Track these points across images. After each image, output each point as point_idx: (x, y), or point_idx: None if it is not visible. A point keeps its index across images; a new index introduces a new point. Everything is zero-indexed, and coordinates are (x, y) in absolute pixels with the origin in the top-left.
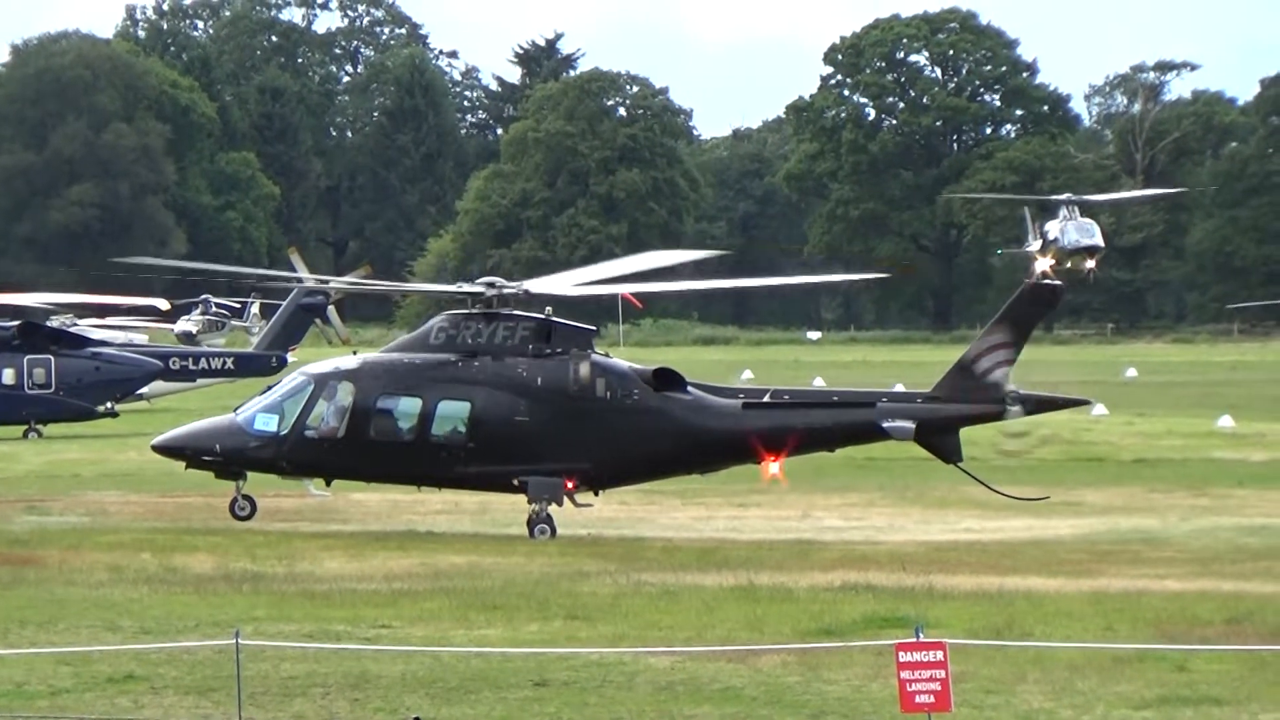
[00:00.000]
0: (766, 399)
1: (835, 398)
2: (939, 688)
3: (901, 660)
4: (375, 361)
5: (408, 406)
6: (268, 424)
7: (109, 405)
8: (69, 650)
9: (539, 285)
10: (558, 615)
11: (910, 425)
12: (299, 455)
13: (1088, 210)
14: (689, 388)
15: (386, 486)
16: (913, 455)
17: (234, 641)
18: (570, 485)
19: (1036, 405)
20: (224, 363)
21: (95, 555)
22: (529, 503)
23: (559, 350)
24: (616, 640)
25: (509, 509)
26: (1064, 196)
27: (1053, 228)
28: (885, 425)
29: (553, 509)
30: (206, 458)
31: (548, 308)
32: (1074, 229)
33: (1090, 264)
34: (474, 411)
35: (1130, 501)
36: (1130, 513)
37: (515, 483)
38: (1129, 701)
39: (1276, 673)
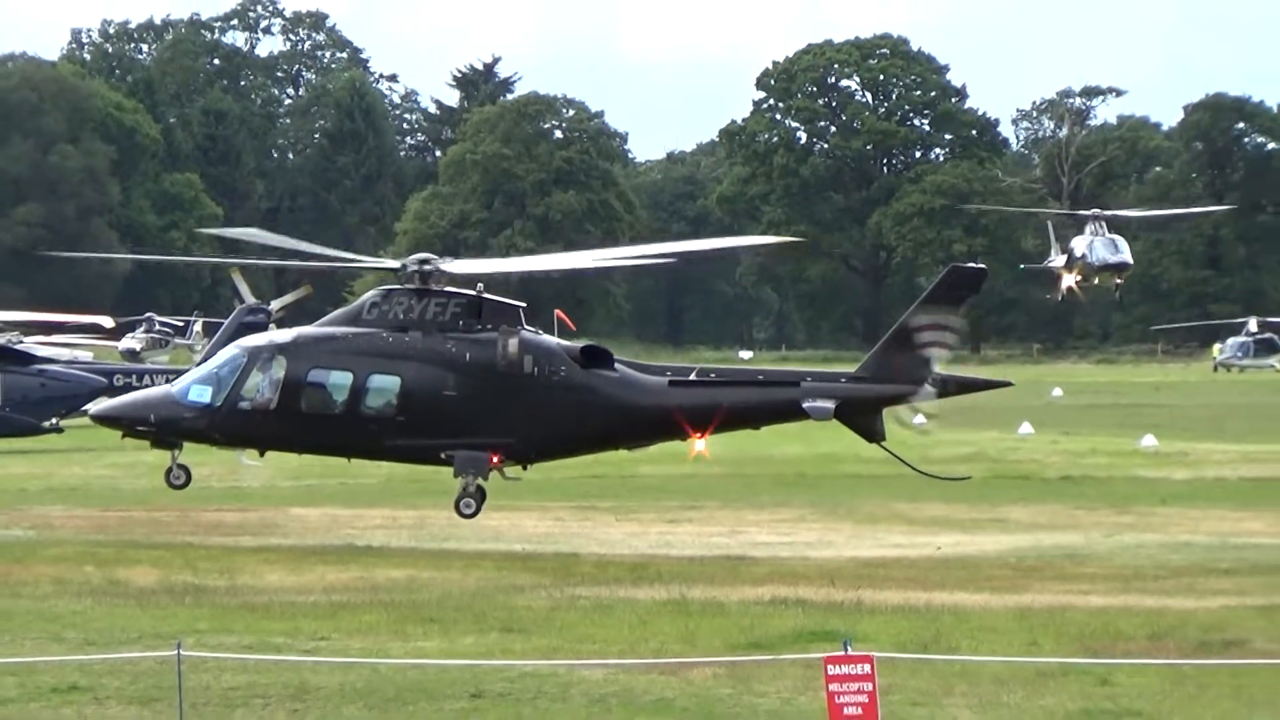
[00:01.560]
0: (693, 377)
1: (761, 377)
2: (866, 700)
3: (830, 673)
4: (308, 335)
5: (339, 380)
6: (201, 395)
7: (54, 421)
8: (14, 661)
9: (467, 266)
10: (493, 628)
11: (829, 405)
12: (232, 426)
13: (1115, 226)
14: (616, 365)
15: (326, 500)
16: (844, 472)
17: (176, 653)
18: (495, 459)
19: (959, 387)
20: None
21: (40, 568)
22: (455, 476)
23: (488, 327)
24: (551, 653)
25: (446, 524)
26: (1091, 211)
27: (1079, 243)
28: (805, 405)
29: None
30: (141, 427)
31: (479, 284)
32: (1102, 245)
33: (1119, 281)
34: (403, 386)
35: (1055, 518)
36: (1055, 529)
37: (443, 456)
38: (1053, 715)
39: (1198, 686)
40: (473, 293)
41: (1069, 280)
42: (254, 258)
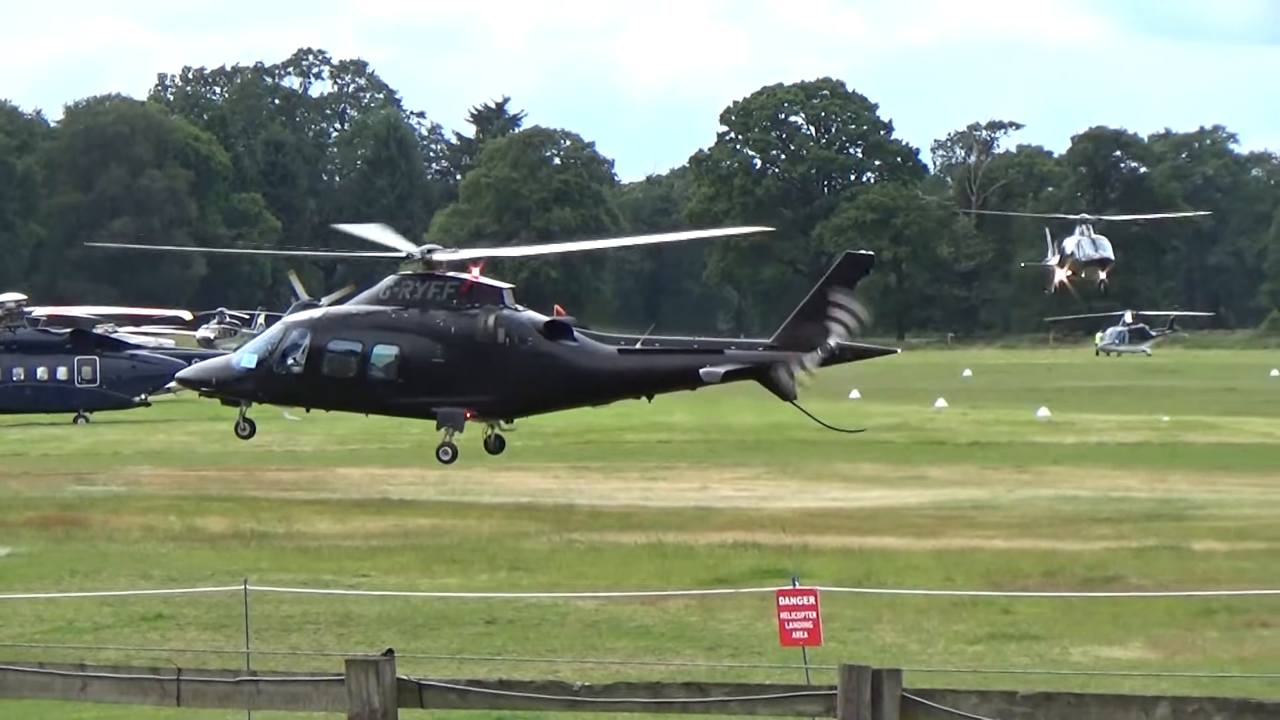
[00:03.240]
0: (638, 346)
1: (695, 345)
2: (811, 626)
3: (781, 604)
4: (332, 312)
5: (351, 349)
6: (249, 362)
7: (143, 396)
8: (110, 594)
9: (460, 254)
10: (503, 567)
11: (719, 370)
12: (270, 386)
13: (1104, 229)
14: (577, 335)
15: (367, 462)
16: (792, 438)
17: (243, 587)
18: (469, 415)
19: (854, 354)
20: None
21: (131, 518)
22: (437, 429)
23: (475, 305)
24: (551, 587)
25: (464, 481)
26: (1078, 216)
27: (1069, 243)
28: (701, 370)
29: (548, 485)
30: (205, 387)
31: (473, 269)
32: (1088, 244)
33: (1102, 275)
34: (400, 354)
35: (965, 476)
36: (965, 485)
37: (432, 411)
38: (964, 638)
39: (1083, 614)
40: (465, 275)
41: (1060, 275)
42: (304, 260)
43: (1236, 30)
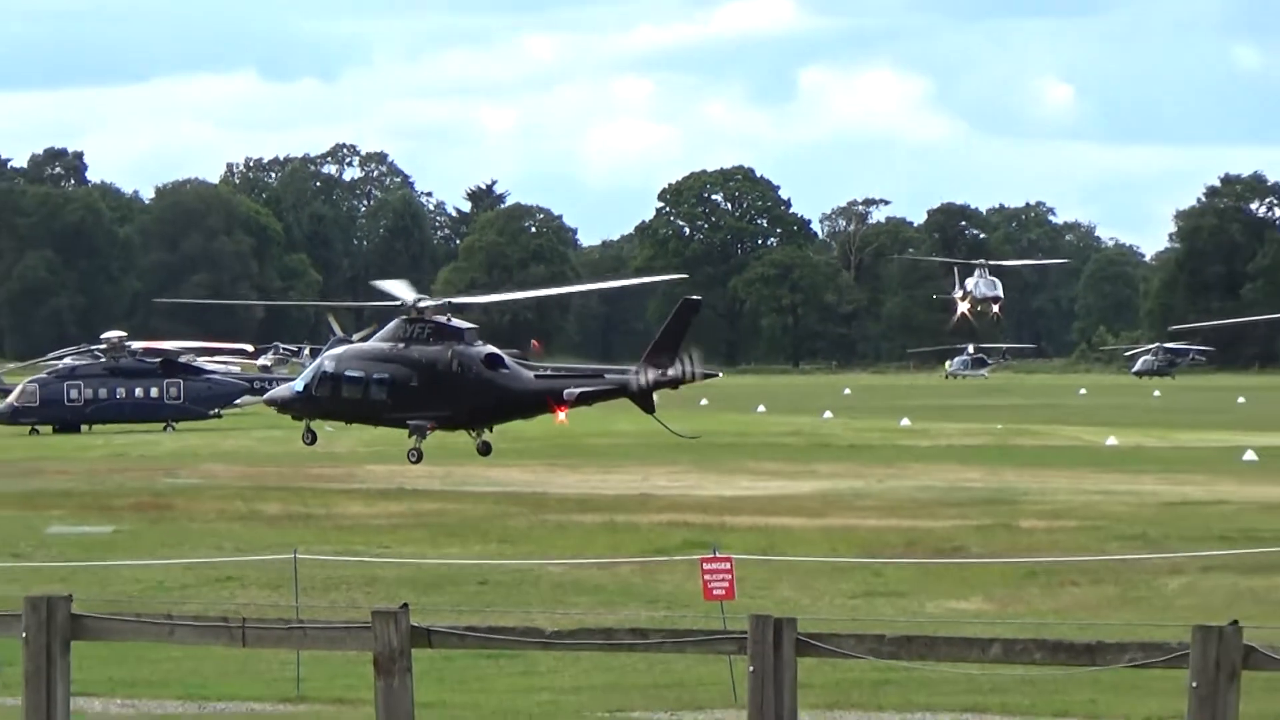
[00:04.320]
0: (549, 372)
1: (589, 371)
2: (728, 585)
3: (704, 569)
4: (348, 350)
5: (358, 376)
6: (299, 386)
7: (216, 411)
8: (191, 561)
9: (443, 300)
10: (493, 540)
11: (576, 391)
12: (311, 405)
13: (995, 271)
14: (508, 364)
15: (389, 460)
16: (713, 443)
17: (293, 556)
18: (432, 427)
19: (700, 377)
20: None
21: (207, 503)
22: (408, 436)
23: (441, 342)
24: (529, 555)
25: (463, 475)
26: (979, 261)
27: (970, 283)
28: (564, 392)
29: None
30: (273, 405)
31: (448, 315)
32: (984, 284)
33: (995, 309)
34: (389, 380)
35: (846, 471)
36: (846, 478)
37: (406, 423)
38: (846, 594)
39: (936, 576)
40: (441, 319)
41: (963, 307)
42: (338, 308)
43: (1054, 129)
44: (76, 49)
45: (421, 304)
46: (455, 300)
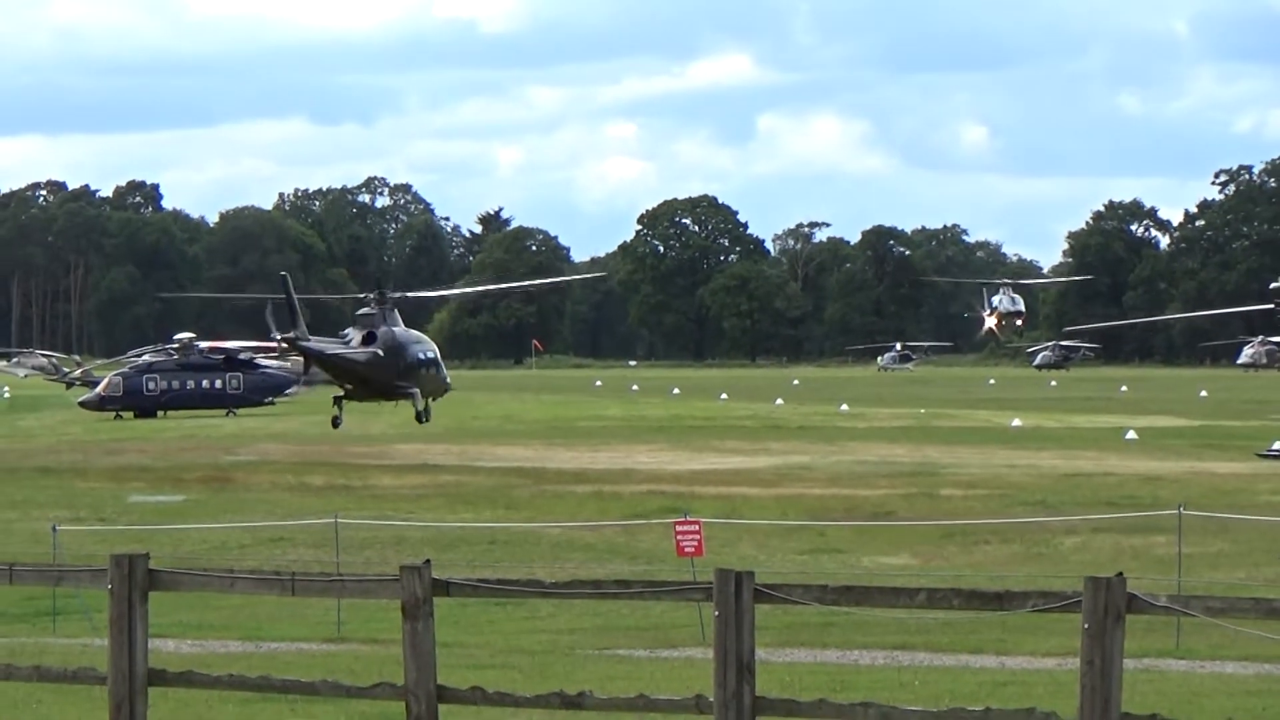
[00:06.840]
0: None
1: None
2: (698, 543)
3: (677, 530)
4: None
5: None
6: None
7: (270, 399)
8: (248, 525)
9: (416, 294)
10: (500, 506)
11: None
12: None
13: (1019, 289)
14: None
15: (414, 440)
16: (685, 425)
17: (335, 520)
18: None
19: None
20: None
21: (262, 476)
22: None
23: (374, 333)
24: (530, 519)
25: (477, 451)
26: (1002, 280)
27: (996, 299)
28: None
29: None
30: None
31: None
32: (1009, 301)
33: (1019, 323)
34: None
35: (795, 449)
36: (795, 454)
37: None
38: (795, 550)
39: (871, 536)
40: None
41: (990, 323)
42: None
43: (969, 163)
44: (156, 98)
45: (386, 295)
46: (411, 295)
